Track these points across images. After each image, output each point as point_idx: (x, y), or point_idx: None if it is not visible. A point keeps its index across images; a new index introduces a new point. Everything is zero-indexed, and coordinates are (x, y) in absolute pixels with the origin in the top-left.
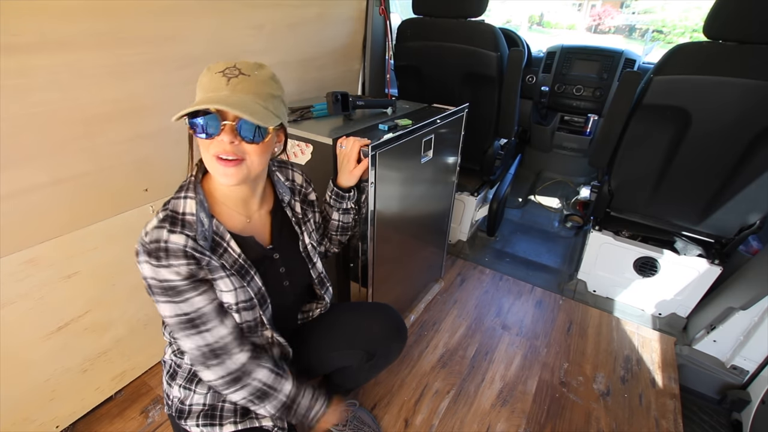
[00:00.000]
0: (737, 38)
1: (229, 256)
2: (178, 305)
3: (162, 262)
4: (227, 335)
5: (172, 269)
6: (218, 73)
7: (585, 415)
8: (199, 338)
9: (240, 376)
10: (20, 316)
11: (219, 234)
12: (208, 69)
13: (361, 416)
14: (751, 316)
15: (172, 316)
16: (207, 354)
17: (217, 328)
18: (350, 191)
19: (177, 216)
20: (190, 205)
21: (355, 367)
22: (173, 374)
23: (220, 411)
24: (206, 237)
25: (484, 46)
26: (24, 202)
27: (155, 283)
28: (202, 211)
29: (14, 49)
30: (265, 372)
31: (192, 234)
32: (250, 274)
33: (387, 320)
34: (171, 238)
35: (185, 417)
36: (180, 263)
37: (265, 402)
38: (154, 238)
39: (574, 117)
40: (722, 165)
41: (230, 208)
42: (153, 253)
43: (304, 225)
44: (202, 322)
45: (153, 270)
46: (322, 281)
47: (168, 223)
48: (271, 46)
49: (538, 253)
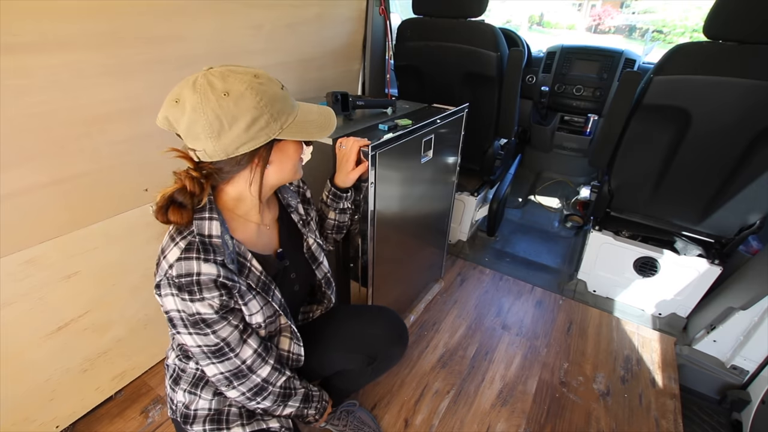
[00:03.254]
0: (737, 38)
1: (253, 275)
2: (207, 337)
3: (195, 296)
4: (251, 355)
5: (206, 302)
6: (282, 89)
7: (585, 415)
8: (226, 364)
9: (264, 386)
10: (20, 316)
11: (241, 254)
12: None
13: (361, 416)
14: (751, 316)
15: (197, 346)
16: (231, 377)
17: (243, 351)
18: (348, 191)
19: (204, 240)
20: (216, 227)
21: (357, 370)
22: (177, 379)
23: (226, 415)
24: (233, 260)
25: (484, 46)
26: (24, 202)
27: (184, 317)
28: (225, 233)
29: (14, 49)
30: (284, 379)
31: (221, 259)
32: (271, 289)
33: (389, 324)
34: (203, 270)
35: (191, 422)
36: (213, 295)
37: (288, 401)
38: (184, 271)
39: (574, 117)
40: (722, 165)
41: (241, 217)
42: (185, 288)
43: (308, 225)
44: (230, 348)
45: (183, 304)
46: (328, 281)
47: (195, 251)
48: (271, 46)
49: (538, 253)
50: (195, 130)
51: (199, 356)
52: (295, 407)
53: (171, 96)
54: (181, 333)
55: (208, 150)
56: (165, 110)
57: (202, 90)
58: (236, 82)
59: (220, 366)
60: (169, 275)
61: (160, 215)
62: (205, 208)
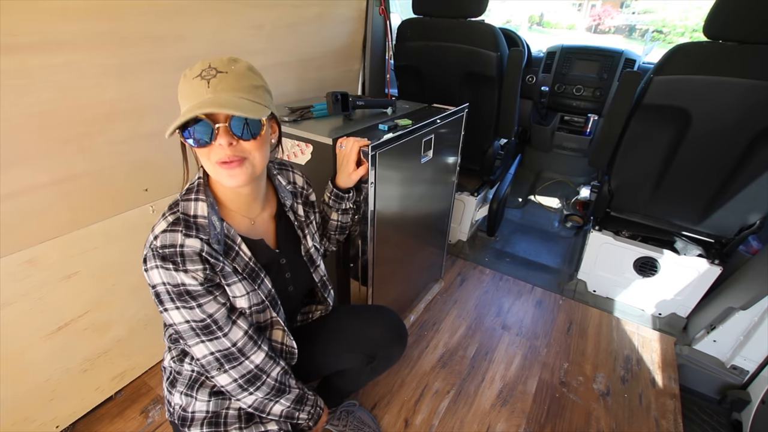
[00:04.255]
0: (737, 38)
1: (240, 259)
2: (193, 311)
3: (179, 267)
4: (242, 337)
5: (190, 274)
6: (196, 78)
7: (585, 415)
8: (216, 343)
9: (258, 374)
10: (20, 316)
11: (230, 237)
12: (184, 76)
13: (361, 416)
14: (751, 316)
15: (184, 323)
16: (222, 359)
17: (232, 331)
18: (349, 192)
19: (189, 219)
20: (201, 207)
21: (356, 370)
22: (173, 381)
23: (224, 418)
24: (219, 240)
25: (484, 46)
26: (24, 202)
27: (169, 289)
28: (213, 214)
29: (14, 49)
30: (278, 370)
31: (206, 238)
32: (260, 277)
33: (388, 324)
34: (186, 242)
35: (188, 425)
36: (197, 268)
37: (281, 397)
38: (168, 242)
39: (574, 117)
40: (722, 165)
41: (234, 212)
42: (169, 258)
43: (306, 228)
44: (217, 327)
45: (168, 275)
46: (324, 284)
47: (181, 227)
48: (271, 46)
49: (538, 253)
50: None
51: (187, 335)
52: (286, 406)
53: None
54: (168, 309)
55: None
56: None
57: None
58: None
59: (210, 345)
60: (153, 246)
61: None
62: (193, 190)
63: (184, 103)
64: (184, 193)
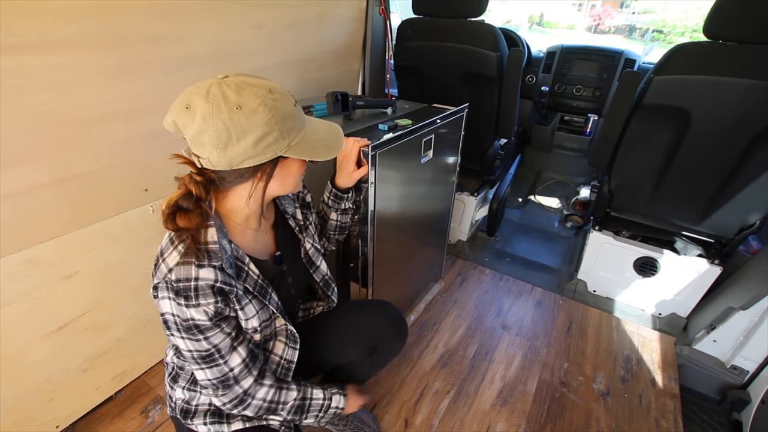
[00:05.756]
0: (737, 38)
1: (250, 278)
2: (199, 342)
3: (191, 302)
4: (239, 364)
5: (201, 308)
6: (297, 105)
7: (585, 415)
8: (215, 371)
9: (243, 398)
10: (20, 316)
11: (239, 258)
12: (286, 97)
13: (361, 416)
14: (751, 316)
15: (188, 351)
16: (218, 384)
17: (232, 358)
18: (348, 192)
19: (200, 246)
20: (212, 233)
21: (356, 362)
22: (175, 376)
23: None
24: (231, 264)
25: (484, 46)
26: (24, 202)
27: (178, 321)
28: (223, 238)
29: (14, 49)
30: (264, 390)
31: (218, 264)
32: (268, 292)
33: (389, 318)
34: (201, 275)
35: (191, 416)
36: (209, 302)
37: (273, 414)
38: (182, 276)
39: (574, 117)
40: (722, 165)
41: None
42: (181, 293)
43: (305, 231)
44: (220, 356)
45: (178, 309)
46: (327, 283)
47: (193, 258)
48: (272, 46)
49: (538, 253)
50: (202, 139)
51: (189, 360)
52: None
53: (181, 100)
54: (174, 336)
55: (212, 159)
56: (174, 114)
57: (215, 100)
58: (250, 97)
59: (209, 372)
60: (168, 279)
61: (169, 224)
62: None
63: (303, 122)
64: None
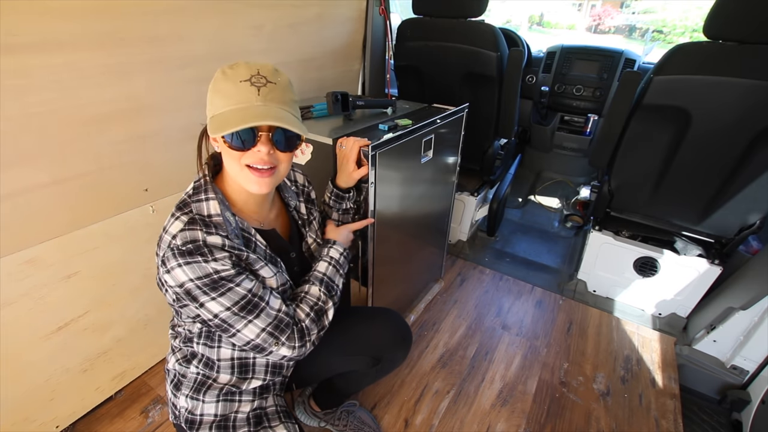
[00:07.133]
0: (737, 38)
1: (259, 248)
2: (232, 292)
3: (208, 257)
4: (281, 303)
5: (219, 262)
6: (244, 81)
7: (585, 415)
8: (263, 316)
9: (300, 327)
10: (20, 316)
11: (245, 230)
12: (224, 74)
13: (361, 416)
14: (751, 316)
15: (226, 309)
16: (273, 331)
17: (272, 300)
18: (349, 192)
19: (204, 219)
20: (214, 206)
21: (360, 372)
22: (178, 384)
23: (233, 422)
24: (237, 235)
25: (484, 46)
26: (24, 202)
27: (200, 283)
28: (226, 210)
29: (14, 49)
30: (300, 308)
31: (224, 234)
32: (279, 262)
33: (393, 327)
34: (208, 239)
35: (197, 427)
36: (224, 256)
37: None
38: (189, 239)
39: (574, 117)
40: (722, 165)
41: (244, 213)
42: (195, 252)
43: (309, 225)
44: (259, 297)
45: (198, 268)
46: None
47: (199, 226)
48: (272, 46)
49: (538, 253)
50: None
51: (232, 320)
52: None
53: None
54: (205, 303)
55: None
56: None
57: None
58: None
59: (258, 322)
60: (173, 245)
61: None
62: (201, 189)
63: (224, 102)
64: (192, 194)
